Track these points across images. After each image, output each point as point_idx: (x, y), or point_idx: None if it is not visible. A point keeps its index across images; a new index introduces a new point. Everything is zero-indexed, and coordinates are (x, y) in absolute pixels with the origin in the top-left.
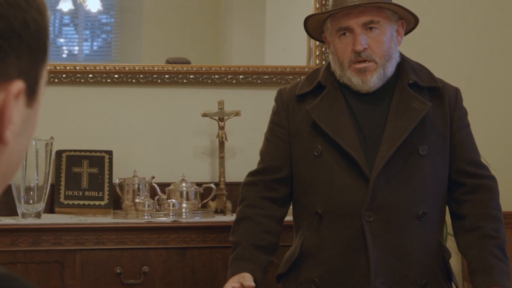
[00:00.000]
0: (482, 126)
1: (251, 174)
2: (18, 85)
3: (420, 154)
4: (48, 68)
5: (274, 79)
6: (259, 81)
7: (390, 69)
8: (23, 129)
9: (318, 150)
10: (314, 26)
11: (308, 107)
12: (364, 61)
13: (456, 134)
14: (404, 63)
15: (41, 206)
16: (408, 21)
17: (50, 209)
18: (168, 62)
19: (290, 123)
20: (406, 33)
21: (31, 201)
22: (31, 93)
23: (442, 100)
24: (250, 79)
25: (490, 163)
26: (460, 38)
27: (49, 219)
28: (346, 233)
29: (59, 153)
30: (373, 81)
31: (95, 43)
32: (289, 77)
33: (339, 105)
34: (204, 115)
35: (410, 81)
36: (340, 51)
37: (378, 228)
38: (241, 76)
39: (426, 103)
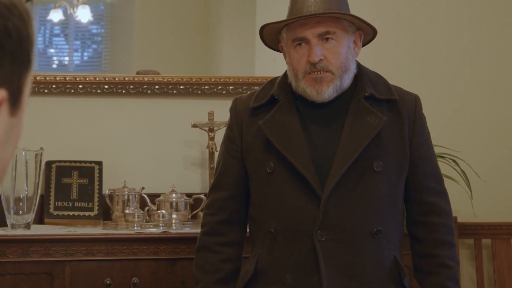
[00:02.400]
0: (475, 137)
1: (209, 190)
2: (0, 94)
3: (375, 170)
4: (37, 78)
5: None
6: (249, 92)
7: (347, 80)
8: (7, 137)
9: (271, 167)
10: (271, 36)
11: (260, 121)
12: (320, 71)
13: (417, 150)
14: (361, 74)
15: (30, 217)
16: (366, 32)
17: (39, 220)
18: (138, 73)
19: (243, 138)
20: (364, 44)
21: (20, 212)
22: (14, 102)
23: (400, 113)
24: (240, 90)
25: (481, 174)
26: (457, 46)
27: (38, 230)
28: (299, 253)
29: (48, 163)
30: (329, 92)
31: (85, 54)
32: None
33: (292, 120)
34: (194, 125)
35: (367, 94)
36: (295, 61)
37: (330, 247)
38: (231, 87)
39: (381, 118)
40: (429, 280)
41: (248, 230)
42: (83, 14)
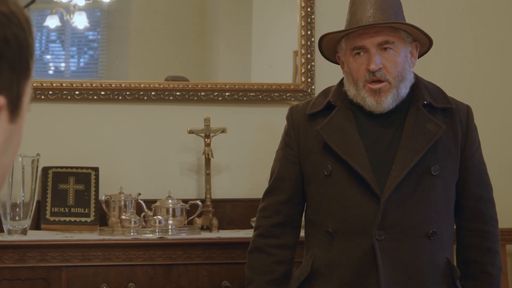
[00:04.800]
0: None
1: (264, 194)
2: None
3: (433, 174)
4: (34, 84)
5: (260, 96)
6: (245, 98)
7: (404, 90)
8: (7, 145)
9: (328, 169)
10: (328, 46)
11: (318, 127)
12: (379, 81)
13: (470, 158)
14: (418, 83)
15: (27, 222)
16: (422, 43)
17: (36, 225)
18: (167, 80)
19: (300, 144)
20: (419, 56)
21: (17, 218)
22: (14, 109)
23: (455, 121)
24: (236, 96)
25: None
26: (458, 54)
27: (35, 236)
28: (357, 252)
29: (45, 169)
30: (388, 102)
31: (81, 60)
32: (275, 94)
33: (349, 125)
34: (190, 132)
35: (425, 102)
36: (354, 70)
37: (388, 246)
38: (227, 93)
39: (440, 126)
40: (469, 285)
41: (304, 233)
42: (80, 21)
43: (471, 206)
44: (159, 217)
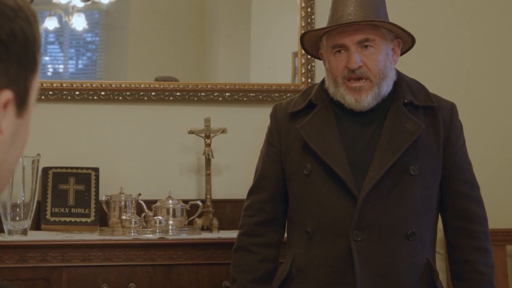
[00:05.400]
0: (472, 143)
1: (248, 193)
2: (6, 95)
3: (411, 174)
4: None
5: (260, 97)
6: (245, 99)
7: (386, 88)
8: (14, 139)
9: (308, 168)
10: (311, 43)
11: (298, 125)
12: (359, 78)
13: (453, 156)
14: (400, 81)
15: (27, 223)
16: (405, 41)
17: (36, 226)
18: (157, 80)
19: (282, 142)
20: (402, 53)
21: (17, 218)
22: (21, 103)
23: (437, 119)
24: (236, 96)
25: (480, 180)
26: (455, 55)
27: (35, 236)
28: (334, 252)
29: (45, 170)
30: (367, 100)
31: (80, 61)
32: (275, 94)
33: (330, 124)
34: (191, 132)
35: (406, 100)
36: (334, 67)
37: (365, 247)
38: (227, 94)
39: (420, 125)
40: (464, 285)
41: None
42: (79, 22)
43: (457, 205)
44: (160, 217)
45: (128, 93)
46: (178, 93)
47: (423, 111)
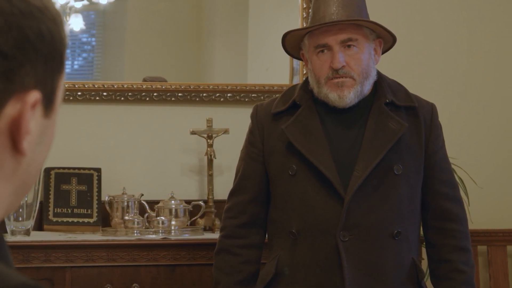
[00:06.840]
0: (472, 144)
1: (229, 194)
2: (34, 96)
3: (395, 173)
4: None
5: (262, 97)
6: (246, 99)
7: (367, 87)
8: (41, 139)
9: (293, 169)
10: (293, 44)
11: (283, 126)
12: (342, 77)
13: (433, 156)
14: (381, 81)
15: (30, 223)
16: (386, 40)
17: (38, 226)
18: (145, 80)
19: (265, 142)
20: (383, 52)
21: (20, 219)
22: (48, 103)
23: (418, 119)
24: (238, 97)
25: (478, 181)
26: (453, 50)
27: (38, 237)
28: (321, 253)
29: (47, 170)
30: (350, 97)
31: (75, 62)
32: (276, 95)
33: (314, 124)
34: (193, 132)
35: (387, 100)
36: (317, 68)
37: (353, 247)
38: (229, 94)
39: (402, 124)
40: (443, 285)
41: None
42: (76, 23)
43: (437, 204)
44: (162, 218)
45: (130, 94)
46: (180, 94)
47: (405, 111)
